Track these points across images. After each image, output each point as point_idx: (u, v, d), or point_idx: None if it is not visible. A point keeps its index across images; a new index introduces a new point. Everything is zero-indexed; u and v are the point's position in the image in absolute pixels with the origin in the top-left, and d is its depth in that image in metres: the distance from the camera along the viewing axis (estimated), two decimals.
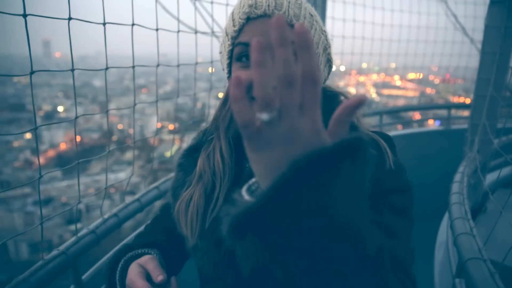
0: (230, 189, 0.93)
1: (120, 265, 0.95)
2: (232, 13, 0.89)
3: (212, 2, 2.15)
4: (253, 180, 0.52)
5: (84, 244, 1.39)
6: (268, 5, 0.82)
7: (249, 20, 0.84)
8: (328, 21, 3.18)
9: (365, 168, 0.79)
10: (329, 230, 0.42)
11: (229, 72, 0.93)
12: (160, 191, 1.86)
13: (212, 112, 1.10)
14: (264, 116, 0.44)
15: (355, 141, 0.43)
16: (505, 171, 2.35)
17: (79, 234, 1.41)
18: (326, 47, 0.95)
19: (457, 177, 1.90)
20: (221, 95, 1.08)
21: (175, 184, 1.05)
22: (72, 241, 1.37)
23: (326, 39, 0.95)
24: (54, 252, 1.28)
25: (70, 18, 1.22)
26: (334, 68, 1.03)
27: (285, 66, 0.42)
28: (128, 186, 1.83)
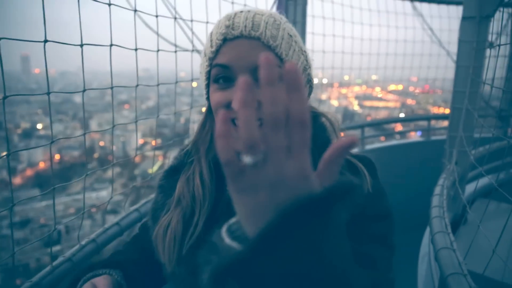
0: (209, 216, 0.91)
1: (79, 285, 0.92)
2: (211, 33, 0.89)
3: (192, 21, 2.16)
4: (234, 220, 0.50)
5: (60, 272, 1.34)
6: (245, 26, 0.81)
7: (226, 41, 0.83)
8: (308, 36, 3.23)
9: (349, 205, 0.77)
10: (316, 276, 0.41)
11: (207, 93, 0.92)
12: (141, 213, 1.82)
13: (195, 127, 1.09)
14: (249, 159, 0.42)
15: (347, 186, 0.42)
16: (483, 180, 2.39)
17: (54, 263, 1.35)
18: (306, 68, 0.94)
19: (437, 190, 1.93)
20: (204, 109, 1.05)
21: (155, 206, 1.03)
22: (46, 270, 1.31)
23: (306, 59, 0.94)
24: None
25: (46, 41, 1.18)
26: (316, 81, 1.01)
27: (272, 106, 0.40)
28: (109, 205, 1.79)
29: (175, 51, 2.07)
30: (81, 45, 1.33)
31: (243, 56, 0.81)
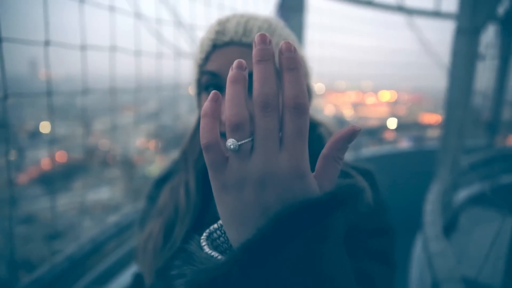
0: (192, 228, 0.84)
1: None
2: (202, 38, 0.83)
3: (192, 27, 2.22)
4: (216, 225, 0.43)
5: (59, 270, 1.39)
6: (236, 32, 0.75)
7: (216, 48, 0.76)
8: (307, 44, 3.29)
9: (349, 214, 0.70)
10: None
11: (198, 101, 0.86)
12: (139, 214, 1.86)
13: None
14: (232, 143, 0.35)
15: (351, 191, 0.37)
16: (474, 188, 2.46)
17: (54, 261, 1.39)
18: (305, 75, 0.86)
19: (430, 196, 1.99)
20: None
21: (143, 215, 0.99)
22: (46, 268, 1.35)
23: (305, 67, 0.87)
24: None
25: (47, 43, 1.17)
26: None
27: (263, 84, 0.35)
28: (109, 204, 1.82)
29: (174, 58, 2.12)
30: (82, 48, 1.36)
31: (233, 62, 0.76)
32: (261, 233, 0.33)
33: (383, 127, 5.61)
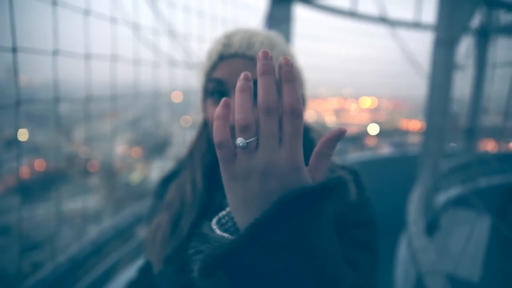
0: (197, 219, 0.91)
1: None
2: (209, 49, 0.91)
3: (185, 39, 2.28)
4: (224, 212, 0.51)
5: (61, 271, 1.41)
6: (240, 45, 0.84)
7: (222, 59, 0.85)
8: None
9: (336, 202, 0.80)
10: (308, 270, 0.41)
11: (204, 106, 0.93)
12: (137, 216, 1.88)
13: (174, 140, 1.10)
14: (241, 141, 0.42)
15: (338, 182, 0.44)
16: (454, 190, 2.59)
17: (56, 262, 1.42)
18: (300, 85, 0.95)
19: (413, 197, 2.09)
20: (185, 119, 1.10)
21: (151, 210, 1.07)
22: (49, 269, 1.38)
23: (300, 78, 0.95)
24: None
25: (14, 50, 1.11)
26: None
27: (266, 94, 0.42)
28: (90, 213, 1.81)
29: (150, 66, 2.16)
30: (54, 53, 1.30)
31: (236, 72, 0.82)
32: (266, 214, 0.40)
33: (365, 133, 5.73)
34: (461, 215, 2.29)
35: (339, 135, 0.45)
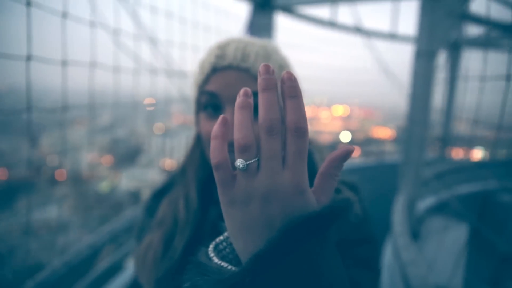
0: (191, 239, 0.87)
1: None
2: (201, 60, 0.86)
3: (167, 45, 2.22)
4: (221, 237, 0.47)
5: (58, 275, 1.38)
6: (234, 57, 0.79)
7: (215, 71, 0.81)
8: None
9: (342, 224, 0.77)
10: None
11: (197, 119, 0.89)
12: (131, 221, 1.85)
13: (146, 147, 1.07)
14: (241, 163, 0.39)
15: (345, 204, 0.41)
16: (434, 198, 2.65)
17: (53, 266, 1.36)
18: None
19: (396, 207, 2.12)
20: (159, 127, 1.06)
21: (141, 226, 1.01)
22: (46, 273, 1.34)
23: None
24: None
25: None
26: None
27: (268, 110, 0.39)
28: (57, 224, 1.76)
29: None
30: (27, 59, 1.23)
31: (231, 86, 0.79)
32: (270, 244, 0.37)
33: (337, 142, 5.86)
34: (441, 223, 2.34)
35: (346, 154, 0.42)
